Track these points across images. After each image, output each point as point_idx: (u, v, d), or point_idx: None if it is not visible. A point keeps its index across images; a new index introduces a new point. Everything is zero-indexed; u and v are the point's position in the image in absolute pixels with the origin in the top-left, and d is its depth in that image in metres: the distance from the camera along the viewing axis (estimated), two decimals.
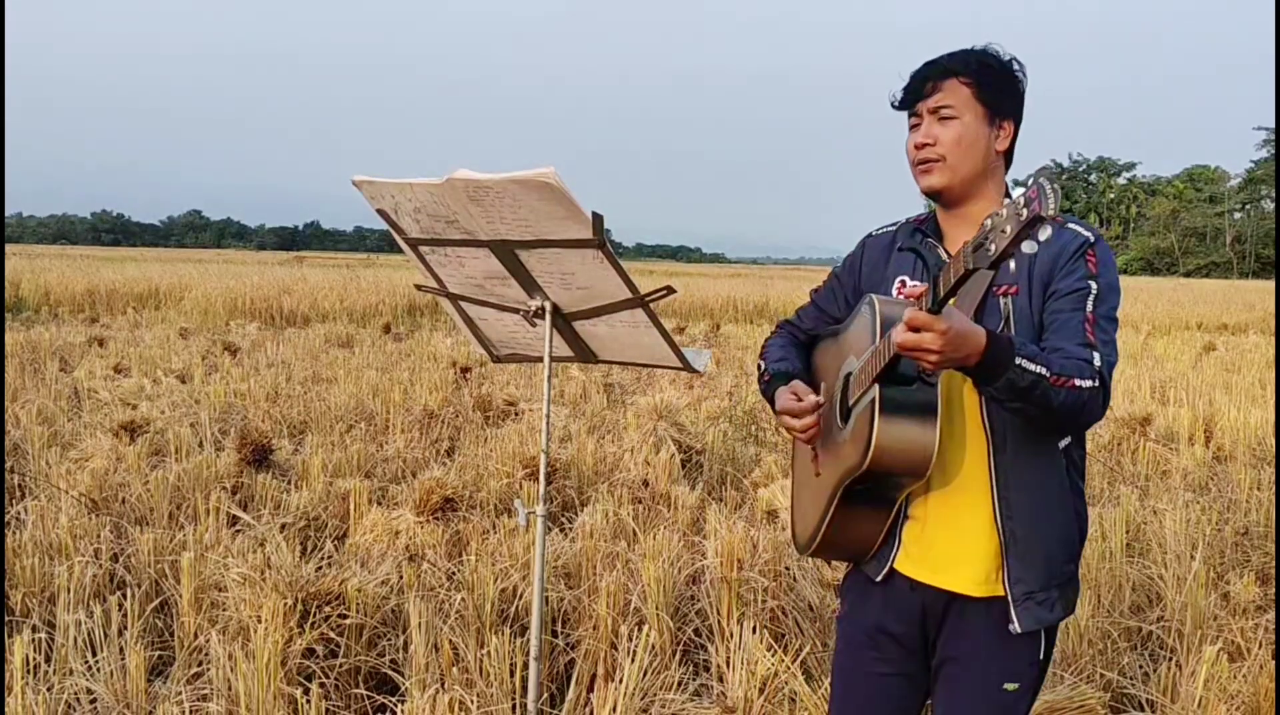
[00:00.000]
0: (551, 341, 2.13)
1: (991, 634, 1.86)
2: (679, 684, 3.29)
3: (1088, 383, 1.70)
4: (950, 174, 1.88)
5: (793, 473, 2.21)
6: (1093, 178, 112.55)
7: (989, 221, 1.42)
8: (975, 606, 1.87)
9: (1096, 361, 1.73)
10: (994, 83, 1.88)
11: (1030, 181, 1.37)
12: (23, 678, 2.92)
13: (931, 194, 1.93)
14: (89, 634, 3.32)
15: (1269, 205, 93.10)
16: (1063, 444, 1.86)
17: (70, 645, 3.28)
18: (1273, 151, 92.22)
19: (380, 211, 2.06)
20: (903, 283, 1.97)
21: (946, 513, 1.88)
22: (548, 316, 2.09)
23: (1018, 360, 1.63)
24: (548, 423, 2.22)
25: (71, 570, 3.70)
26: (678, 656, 3.54)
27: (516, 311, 2.13)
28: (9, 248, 45.46)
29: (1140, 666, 3.60)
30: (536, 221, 1.87)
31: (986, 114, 1.88)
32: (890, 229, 2.08)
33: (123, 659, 3.16)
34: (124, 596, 3.54)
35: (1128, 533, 4.65)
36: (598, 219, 1.81)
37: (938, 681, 1.95)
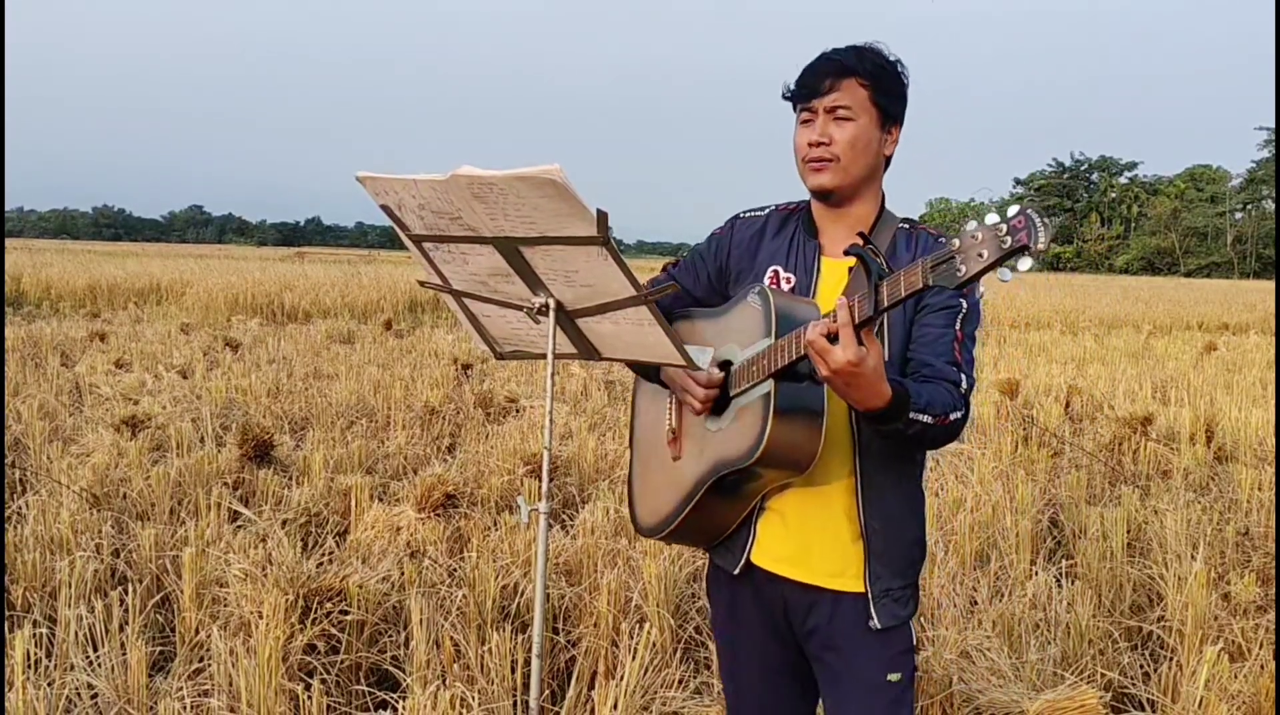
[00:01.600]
0: (555, 338, 2.12)
1: (860, 629, 1.88)
2: (680, 681, 3.29)
3: (957, 414, 1.76)
4: (842, 175, 1.88)
5: (633, 450, 2.19)
6: (1094, 177, 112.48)
7: (957, 241, 1.41)
8: (836, 601, 1.89)
9: (963, 386, 1.79)
10: (887, 86, 1.89)
11: (1014, 210, 1.36)
12: (24, 673, 2.92)
13: (820, 193, 1.93)
14: (90, 629, 3.32)
15: (1270, 205, 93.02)
16: None
17: (71, 640, 3.28)
18: (1274, 152, 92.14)
19: (384, 207, 2.05)
20: (775, 273, 1.97)
21: (809, 509, 1.90)
22: (551, 313, 2.09)
23: (912, 414, 1.68)
24: (550, 420, 2.21)
25: (73, 565, 3.70)
26: (679, 654, 3.55)
27: (520, 308, 2.13)
28: (10, 242, 45.46)
29: (1141, 666, 3.60)
30: (541, 219, 1.87)
31: (880, 117, 1.89)
32: (760, 214, 2.07)
33: (124, 654, 3.16)
34: (125, 592, 3.54)
35: (1128, 532, 4.66)
36: (602, 216, 1.81)
37: (822, 680, 1.97)
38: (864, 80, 1.87)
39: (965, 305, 1.83)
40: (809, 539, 1.90)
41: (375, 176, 2.00)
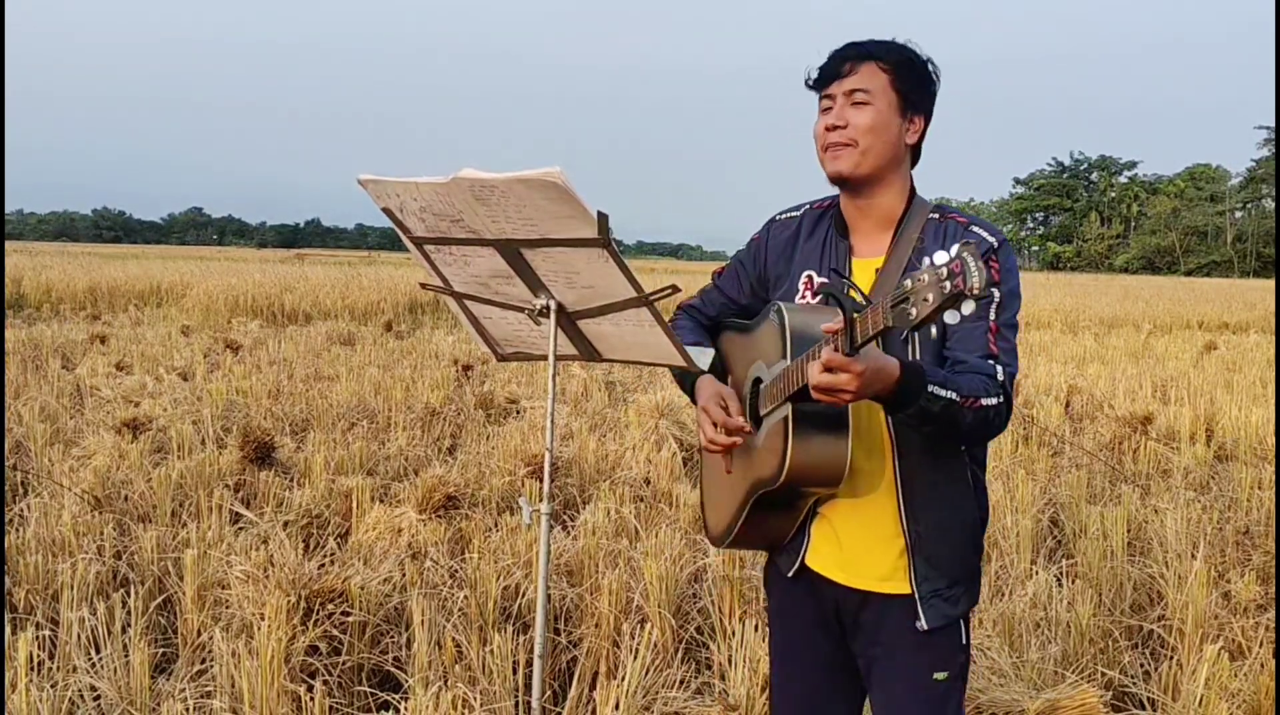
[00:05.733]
0: (556, 340, 2.13)
1: (909, 629, 1.88)
2: (681, 682, 3.30)
3: (993, 401, 1.72)
4: (859, 159, 1.86)
5: (702, 463, 2.21)
6: (1094, 176, 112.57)
7: (909, 282, 1.41)
8: (886, 603, 1.89)
9: (1000, 375, 1.75)
10: (911, 76, 1.87)
11: (953, 253, 1.36)
12: (26, 675, 2.93)
13: (838, 179, 1.91)
14: (92, 631, 3.33)
15: (1270, 204, 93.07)
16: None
17: (74, 642, 3.28)
18: (1273, 150, 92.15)
19: (385, 210, 2.06)
20: (809, 278, 1.96)
21: (853, 515, 1.90)
22: (552, 315, 2.10)
23: (929, 387, 1.64)
24: (552, 421, 2.22)
25: (75, 567, 3.71)
26: (680, 654, 3.55)
27: (521, 310, 2.14)
28: (10, 245, 45.45)
29: (1141, 665, 3.61)
30: (542, 221, 1.88)
31: (900, 103, 1.86)
32: (795, 214, 2.05)
33: (126, 656, 3.17)
34: (127, 594, 3.55)
35: (1129, 532, 4.66)
36: (603, 218, 1.82)
37: (870, 680, 1.97)
38: (885, 65, 1.85)
39: (999, 294, 1.79)
40: (856, 545, 1.90)
41: (377, 179, 2.01)
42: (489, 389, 8.60)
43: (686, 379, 2.06)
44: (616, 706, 2.92)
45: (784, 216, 2.07)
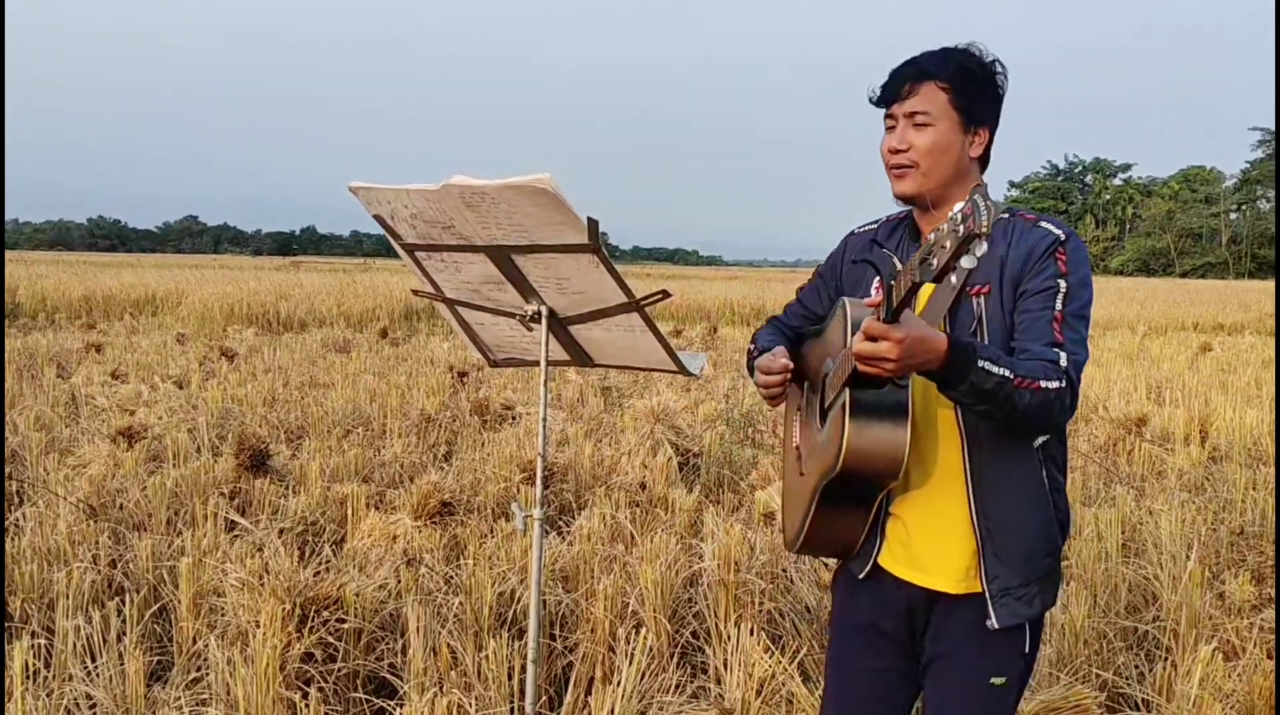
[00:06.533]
0: (548, 346, 2.14)
1: (975, 629, 1.87)
2: (677, 686, 3.30)
3: (1054, 383, 1.71)
4: (922, 180, 1.88)
5: (783, 472, 2.23)
6: (1089, 179, 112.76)
7: (933, 236, 1.44)
8: (956, 603, 1.89)
9: (1063, 361, 1.74)
10: (971, 89, 1.87)
11: (965, 201, 1.38)
12: (22, 683, 2.93)
13: (904, 199, 1.94)
14: (88, 639, 3.33)
15: (1265, 205, 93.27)
16: (1039, 441, 1.87)
17: (69, 651, 3.28)
18: (1268, 152, 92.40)
19: (377, 217, 2.07)
20: (879, 282, 1.98)
21: (924, 511, 1.90)
22: (544, 321, 2.11)
23: (980, 363, 1.64)
24: (544, 427, 2.23)
25: (70, 576, 3.71)
26: (675, 659, 3.56)
27: (513, 316, 2.15)
28: (5, 254, 45.41)
29: (1136, 666, 3.62)
30: (532, 227, 1.89)
31: (961, 121, 1.87)
32: (872, 226, 2.08)
33: (122, 664, 3.17)
34: (123, 602, 3.55)
35: (1123, 533, 4.67)
36: (593, 224, 1.83)
37: (927, 677, 1.97)
38: (943, 84, 1.85)
39: (1065, 285, 1.80)
40: (928, 543, 1.90)
41: (368, 187, 2.01)
42: (484, 395, 8.60)
43: (748, 366, 2.10)
44: (612, 711, 2.92)
45: (861, 229, 2.11)
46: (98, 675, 3.18)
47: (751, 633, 3.32)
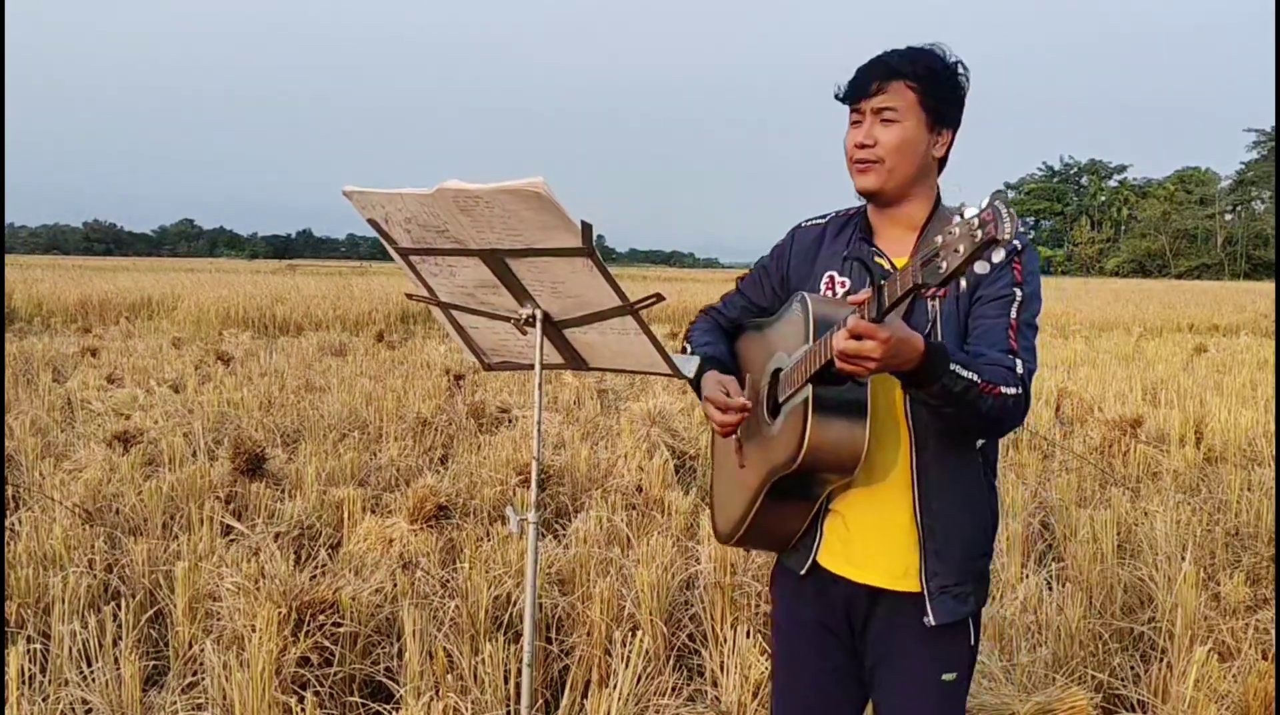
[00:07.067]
0: (542, 349, 2.14)
1: (919, 627, 1.89)
2: (673, 689, 3.30)
3: (1012, 390, 1.74)
4: (886, 177, 1.90)
5: (713, 462, 2.23)
6: (1084, 180, 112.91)
7: (940, 238, 1.44)
8: (896, 601, 1.90)
9: (1019, 368, 1.78)
10: (939, 90, 1.89)
11: (985, 203, 1.39)
12: (18, 688, 2.93)
13: (866, 194, 1.95)
14: (84, 644, 3.32)
15: (1260, 207, 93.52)
16: (979, 442, 1.91)
17: (65, 656, 3.28)
18: (1263, 153, 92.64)
19: (371, 221, 2.07)
20: (831, 278, 1.99)
21: (868, 509, 1.91)
22: (538, 324, 2.11)
23: (952, 366, 1.67)
24: (539, 430, 2.23)
25: (66, 581, 3.71)
26: (671, 662, 3.56)
27: (507, 320, 2.15)
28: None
29: (1131, 667, 3.63)
30: (526, 231, 1.89)
31: (928, 120, 1.90)
32: (820, 221, 2.09)
33: (118, 669, 3.17)
34: (118, 607, 3.55)
35: (1119, 534, 4.68)
36: (587, 228, 1.84)
37: (874, 681, 1.97)
38: (912, 83, 1.87)
39: (1021, 294, 1.83)
40: (869, 541, 1.91)
41: (362, 191, 2.02)
42: (481, 398, 8.60)
43: (694, 382, 2.08)
44: (608, 714, 2.93)
45: (809, 223, 2.11)
46: (93, 680, 3.18)
47: (748, 635, 3.32)
